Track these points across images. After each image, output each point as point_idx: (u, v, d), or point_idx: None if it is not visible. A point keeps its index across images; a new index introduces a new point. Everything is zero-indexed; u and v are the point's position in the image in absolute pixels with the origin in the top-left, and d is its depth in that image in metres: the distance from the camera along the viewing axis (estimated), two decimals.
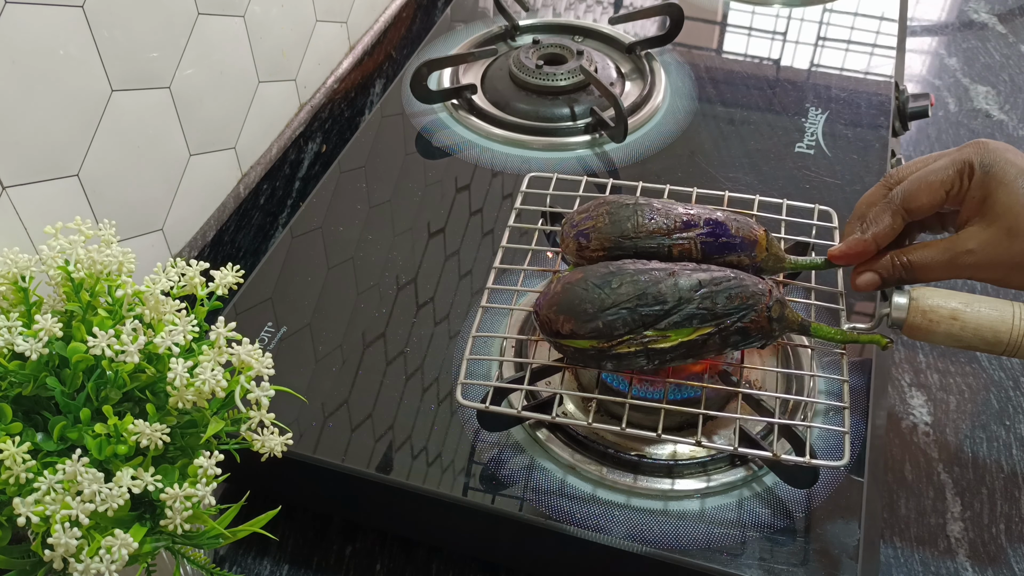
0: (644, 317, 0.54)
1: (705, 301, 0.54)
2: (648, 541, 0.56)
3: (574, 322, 0.55)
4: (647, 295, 0.54)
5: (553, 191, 0.71)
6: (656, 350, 0.54)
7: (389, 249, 0.76)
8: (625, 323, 0.54)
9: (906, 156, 0.99)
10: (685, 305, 0.54)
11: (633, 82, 0.94)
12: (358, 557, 0.65)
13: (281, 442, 0.49)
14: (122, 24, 0.65)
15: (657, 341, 0.54)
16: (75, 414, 0.47)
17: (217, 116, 0.79)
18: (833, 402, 0.59)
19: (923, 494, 0.69)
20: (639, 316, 0.54)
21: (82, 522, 0.43)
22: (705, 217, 0.59)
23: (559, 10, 1.06)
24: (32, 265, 0.50)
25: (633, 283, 0.54)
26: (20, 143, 0.59)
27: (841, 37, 1.01)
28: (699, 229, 0.58)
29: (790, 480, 0.58)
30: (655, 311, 0.54)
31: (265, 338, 0.68)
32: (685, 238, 0.58)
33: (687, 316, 0.54)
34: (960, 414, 0.75)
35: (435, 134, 0.88)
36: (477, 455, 0.61)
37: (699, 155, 0.84)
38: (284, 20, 0.86)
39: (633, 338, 0.54)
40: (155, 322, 0.50)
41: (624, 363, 0.55)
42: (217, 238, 0.81)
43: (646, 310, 0.54)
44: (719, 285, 0.55)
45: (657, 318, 0.54)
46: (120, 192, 0.69)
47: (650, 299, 0.54)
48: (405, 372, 0.66)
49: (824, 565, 0.54)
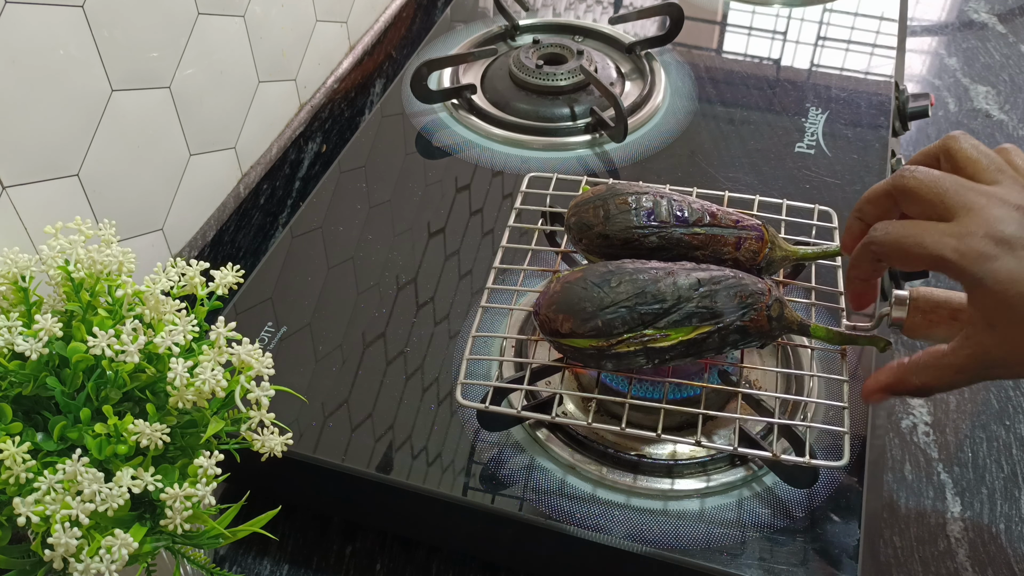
0: (643, 316, 0.54)
1: (705, 300, 0.54)
2: (648, 541, 0.56)
3: (573, 321, 0.55)
4: (646, 294, 0.54)
5: (553, 191, 0.71)
6: (656, 349, 0.54)
7: (389, 249, 0.76)
8: (624, 322, 0.54)
9: (906, 156, 0.99)
10: (684, 304, 0.54)
11: (633, 82, 0.94)
12: (358, 557, 0.65)
13: (281, 442, 0.49)
14: (122, 24, 0.65)
15: (657, 340, 0.54)
16: (75, 414, 0.47)
17: (217, 116, 0.79)
18: (833, 402, 0.59)
19: (923, 494, 0.69)
20: (638, 315, 0.54)
21: (82, 522, 0.43)
22: (711, 211, 0.60)
23: (559, 10, 1.06)
24: (32, 265, 0.50)
25: (632, 282, 0.54)
26: (20, 143, 0.59)
27: (841, 37, 1.01)
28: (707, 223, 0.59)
29: (790, 480, 0.58)
30: (654, 309, 0.54)
31: (265, 338, 0.68)
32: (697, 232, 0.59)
33: (687, 315, 0.54)
34: (960, 414, 0.75)
35: (435, 134, 0.88)
36: (477, 455, 0.61)
37: (699, 155, 0.84)
38: (284, 20, 0.86)
39: (632, 337, 0.54)
40: (155, 322, 0.50)
41: (624, 363, 0.55)
42: (217, 238, 0.81)
43: (645, 308, 0.54)
44: (718, 284, 0.55)
45: (656, 316, 0.54)
46: (120, 192, 0.69)
47: (649, 298, 0.54)
48: (405, 372, 0.66)
49: (824, 565, 0.54)
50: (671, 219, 0.59)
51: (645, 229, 0.58)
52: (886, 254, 0.49)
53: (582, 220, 0.60)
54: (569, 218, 0.62)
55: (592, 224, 0.60)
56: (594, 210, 0.60)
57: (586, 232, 0.60)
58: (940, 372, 0.50)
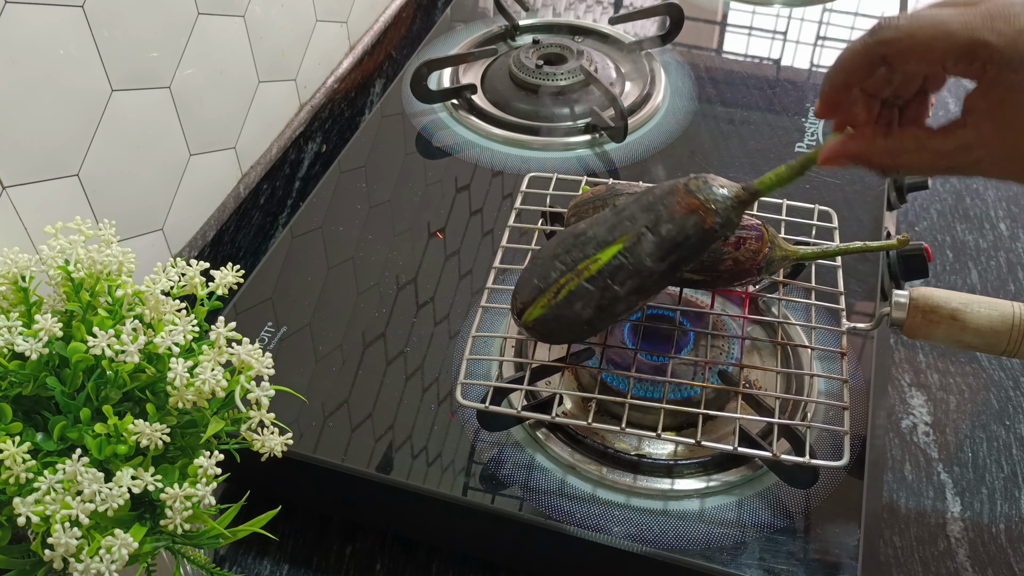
0: (573, 257, 0.54)
1: (622, 214, 0.54)
2: (648, 541, 0.56)
3: (520, 294, 0.56)
4: (573, 241, 0.55)
5: (553, 191, 0.71)
6: (595, 277, 0.53)
7: (389, 249, 0.76)
8: (556, 269, 0.54)
9: None
10: (607, 231, 0.54)
11: (633, 82, 0.94)
12: (358, 557, 0.65)
13: (281, 442, 0.49)
14: (122, 24, 0.65)
15: (589, 267, 0.53)
16: (75, 414, 0.47)
17: (217, 116, 0.80)
18: (833, 402, 0.59)
19: (923, 494, 0.69)
20: (569, 258, 0.54)
21: (82, 522, 0.43)
22: None
23: (559, 10, 1.06)
24: (32, 265, 0.50)
25: (560, 240, 0.56)
26: (20, 143, 0.59)
27: (841, 37, 1.01)
28: None
29: (790, 480, 0.58)
30: (581, 246, 0.54)
31: (265, 338, 0.68)
32: None
33: (608, 231, 0.53)
34: (960, 414, 0.75)
35: (435, 134, 0.88)
36: (477, 455, 0.61)
37: (699, 155, 0.84)
38: (284, 20, 0.86)
39: (570, 276, 0.54)
40: (155, 322, 0.50)
41: (583, 310, 0.54)
42: (217, 238, 0.81)
43: (576, 253, 0.54)
44: (638, 203, 0.54)
45: (584, 251, 0.54)
46: (120, 192, 0.69)
47: (577, 242, 0.55)
48: (405, 372, 0.66)
49: (824, 565, 0.54)
50: None
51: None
52: (897, 51, 0.42)
53: (582, 220, 0.60)
54: (569, 218, 0.62)
55: None
56: (594, 210, 0.60)
57: None
58: (921, 155, 0.44)
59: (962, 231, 0.91)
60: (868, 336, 0.67)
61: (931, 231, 0.92)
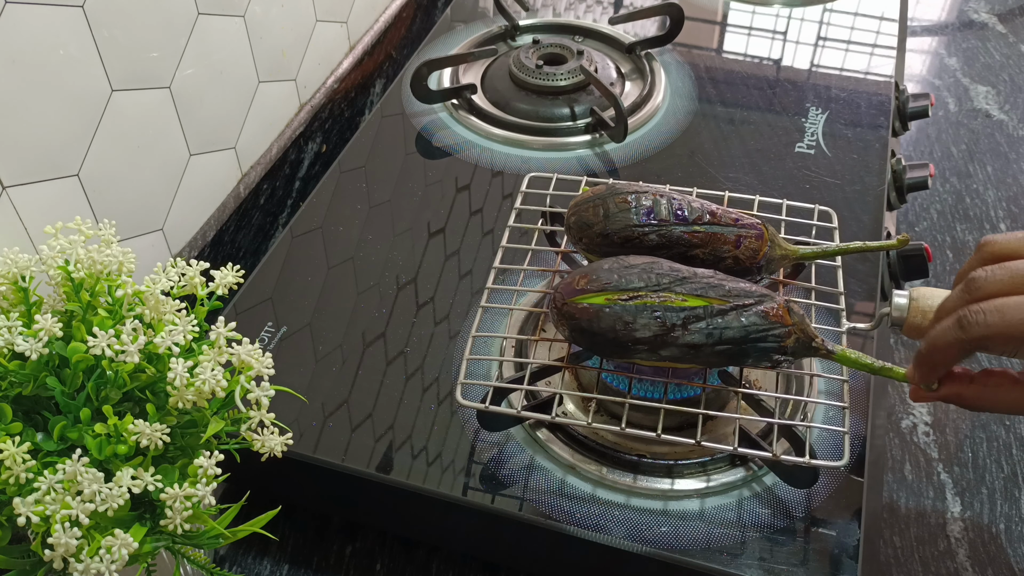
0: (659, 278, 0.55)
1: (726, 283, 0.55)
2: (648, 541, 0.56)
3: (589, 278, 0.55)
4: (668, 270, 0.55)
5: (553, 191, 0.71)
6: (673, 308, 0.54)
7: (389, 249, 0.76)
8: (642, 279, 0.55)
9: (906, 156, 0.99)
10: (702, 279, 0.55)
11: (633, 82, 0.94)
12: (358, 557, 0.65)
13: (281, 442, 0.49)
14: (122, 24, 0.65)
15: (673, 301, 0.54)
16: (75, 414, 0.47)
17: (217, 116, 0.80)
18: (833, 402, 0.59)
19: (923, 494, 0.69)
20: (655, 275, 0.55)
21: (82, 522, 0.43)
22: (710, 209, 0.59)
23: (559, 10, 1.06)
24: (32, 265, 0.50)
25: (655, 261, 0.56)
26: (20, 143, 0.59)
27: (841, 37, 1.01)
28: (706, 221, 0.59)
29: (790, 480, 0.58)
30: (672, 275, 0.55)
31: (265, 338, 0.68)
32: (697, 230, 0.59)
33: (703, 286, 0.55)
34: (960, 414, 0.75)
35: (435, 134, 0.88)
36: (477, 455, 0.61)
37: (699, 155, 0.84)
38: (284, 20, 0.86)
39: (651, 293, 0.54)
40: (155, 322, 0.50)
41: (636, 323, 0.54)
42: (217, 238, 0.81)
43: (664, 276, 0.55)
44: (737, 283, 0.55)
45: (673, 283, 0.55)
46: (120, 192, 0.69)
47: (675, 276, 0.55)
48: (405, 372, 0.66)
49: (824, 565, 0.54)
50: (671, 217, 0.59)
51: (645, 227, 0.59)
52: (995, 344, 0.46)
53: (582, 219, 0.60)
54: (569, 217, 0.62)
55: (592, 223, 0.60)
56: (594, 209, 0.60)
57: (586, 231, 0.60)
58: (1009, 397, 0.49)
59: (962, 231, 0.91)
60: (868, 336, 0.67)
61: (931, 231, 0.92)
